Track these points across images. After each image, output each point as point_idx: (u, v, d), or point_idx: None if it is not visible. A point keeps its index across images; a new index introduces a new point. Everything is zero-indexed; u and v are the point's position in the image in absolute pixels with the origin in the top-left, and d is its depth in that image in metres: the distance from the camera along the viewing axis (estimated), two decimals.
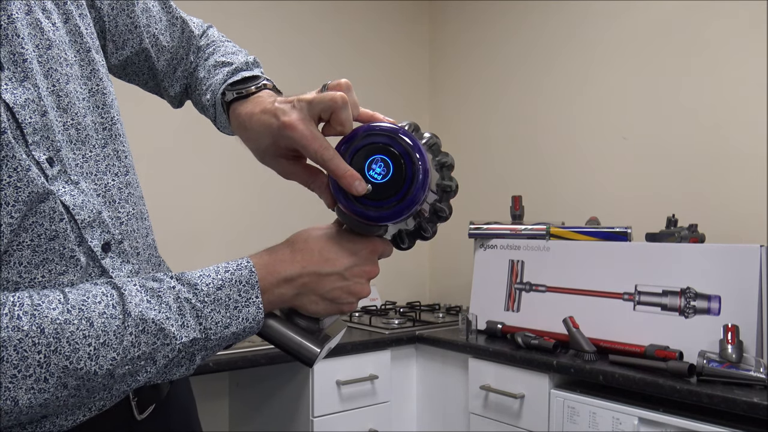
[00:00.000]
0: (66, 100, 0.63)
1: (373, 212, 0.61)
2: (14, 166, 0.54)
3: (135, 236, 0.69)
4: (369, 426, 1.99)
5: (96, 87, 0.68)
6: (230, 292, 0.60)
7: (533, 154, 2.49)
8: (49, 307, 0.53)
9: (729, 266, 1.59)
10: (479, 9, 2.72)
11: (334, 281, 0.64)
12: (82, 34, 0.68)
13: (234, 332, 0.60)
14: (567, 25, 2.38)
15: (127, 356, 0.55)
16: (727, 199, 1.91)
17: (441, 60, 2.93)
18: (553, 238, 1.99)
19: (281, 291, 0.63)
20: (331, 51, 2.67)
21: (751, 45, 1.87)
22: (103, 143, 0.67)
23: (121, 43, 0.79)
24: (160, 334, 0.56)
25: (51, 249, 0.58)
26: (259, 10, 2.45)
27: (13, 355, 0.50)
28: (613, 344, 1.71)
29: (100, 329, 0.54)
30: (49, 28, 0.63)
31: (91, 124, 0.66)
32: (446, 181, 0.67)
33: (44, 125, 0.59)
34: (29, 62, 0.59)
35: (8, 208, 0.54)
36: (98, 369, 0.54)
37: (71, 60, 0.65)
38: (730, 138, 1.92)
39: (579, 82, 2.34)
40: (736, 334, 1.50)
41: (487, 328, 2.02)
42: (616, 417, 1.52)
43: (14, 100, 0.57)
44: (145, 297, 0.57)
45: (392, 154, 0.60)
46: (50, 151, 0.60)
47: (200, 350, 0.60)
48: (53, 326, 0.52)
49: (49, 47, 0.62)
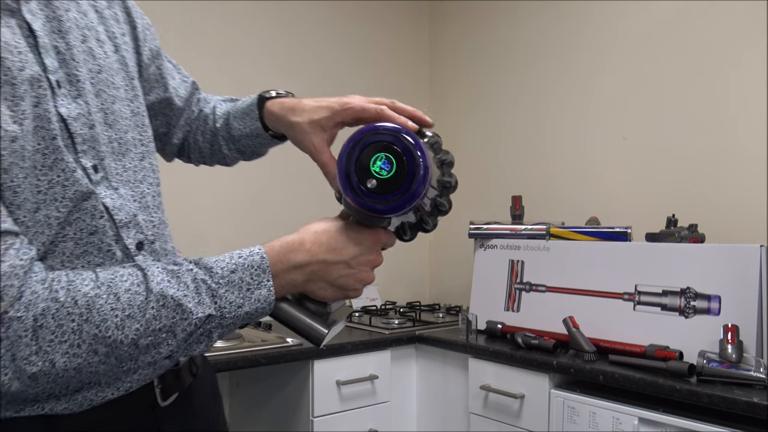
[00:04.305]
0: (112, 117, 0.73)
1: (378, 205, 0.66)
2: (62, 167, 0.64)
3: (164, 239, 0.78)
4: (369, 426, 1.99)
5: (137, 109, 0.78)
6: (243, 275, 0.66)
7: (533, 154, 2.49)
8: (82, 283, 0.60)
9: (729, 266, 1.59)
10: (479, 9, 2.72)
11: (341, 269, 0.70)
12: (128, 65, 0.79)
13: (247, 312, 0.66)
14: (567, 25, 2.38)
15: (149, 328, 0.62)
16: (727, 199, 1.91)
17: (441, 60, 2.92)
18: (553, 238, 1.99)
19: (291, 277, 0.69)
20: (331, 51, 2.67)
21: (751, 45, 1.87)
22: (141, 157, 0.77)
23: (149, 88, 0.90)
24: (178, 309, 0.63)
25: (91, 242, 0.68)
26: (257, 11, 2.45)
27: (51, 323, 0.58)
28: (613, 344, 1.71)
29: (125, 303, 0.61)
30: (101, 56, 0.74)
31: (131, 140, 0.76)
32: (446, 177, 0.72)
33: (92, 137, 0.69)
34: (83, 83, 0.70)
35: (56, 203, 0.64)
36: (124, 338, 0.61)
37: (118, 84, 0.75)
38: (730, 138, 1.92)
39: (579, 82, 2.33)
40: (736, 334, 1.50)
41: (487, 328, 2.02)
42: (616, 417, 1.52)
43: (68, 114, 0.67)
44: (165, 277, 0.64)
45: (395, 152, 0.65)
46: (95, 159, 0.69)
47: (216, 328, 0.66)
48: (85, 299, 0.60)
49: (100, 71, 0.73)
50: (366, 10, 2.79)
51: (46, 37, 0.67)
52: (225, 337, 0.68)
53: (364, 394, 1.98)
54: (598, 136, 2.28)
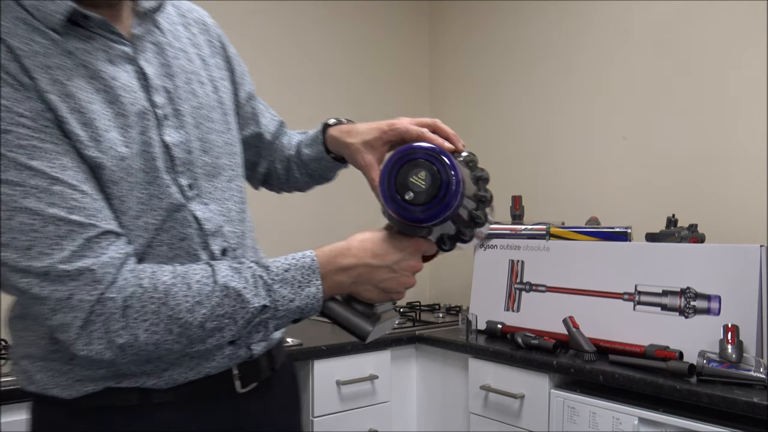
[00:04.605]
0: (207, 145, 0.87)
1: (414, 215, 0.74)
2: (159, 183, 0.79)
3: (246, 248, 0.91)
4: (369, 426, 1.99)
5: (229, 140, 0.92)
6: (295, 274, 0.77)
7: (533, 154, 2.49)
8: (162, 274, 0.74)
9: (729, 266, 1.59)
10: (479, 9, 2.72)
11: (385, 273, 0.79)
12: (224, 104, 0.93)
13: (298, 306, 0.77)
14: (566, 25, 2.38)
15: (214, 313, 0.74)
16: (727, 199, 1.91)
17: (441, 60, 2.92)
18: (553, 238, 1.99)
19: (339, 278, 0.78)
20: (328, 52, 2.67)
21: (751, 45, 1.87)
22: (229, 179, 0.90)
23: (244, 124, 1.05)
24: (238, 299, 0.74)
25: (181, 247, 0.81)
26: (256, 11, 2.44)
27: (136, 304, 0.71)
28: (613, 344, 1.71)
29: (195, 291, 0.73)
30: (202, 95, 0.88)
31: (223, 165, 0.89)
32: (482, 192, 0.81)
33: (189, 160, 0.83)
34: (185, 116, 0.84)
35: (153, 212, 0.78)
36: (193, 320, 0.73)
37: (214, 119, 0.90)
38: (730, 138, 1.92)
39: (579, 82, 2.33)
40: (736, 334, 1.50)
41: (487, 328, 2.02)
42: (616, 417, 1.52)
43: (171, 141, 0.82)
44: (229, 272, 0.76)
45: (430, 167, 0.73)
46: (191, 179, 0.83)
47: (271, 318, 0.77)
48: (164, 287, 0.73)
49: (200, 108, 0.87)
50: (364, 11, 2.78)
51: (157, 79, 0.83)
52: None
53: (364, 394, 1.98)
54: (598, 136, 2.28)
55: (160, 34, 0.86)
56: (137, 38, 0.82)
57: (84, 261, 0.70)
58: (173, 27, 0.90)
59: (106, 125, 0.75)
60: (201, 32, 0.95)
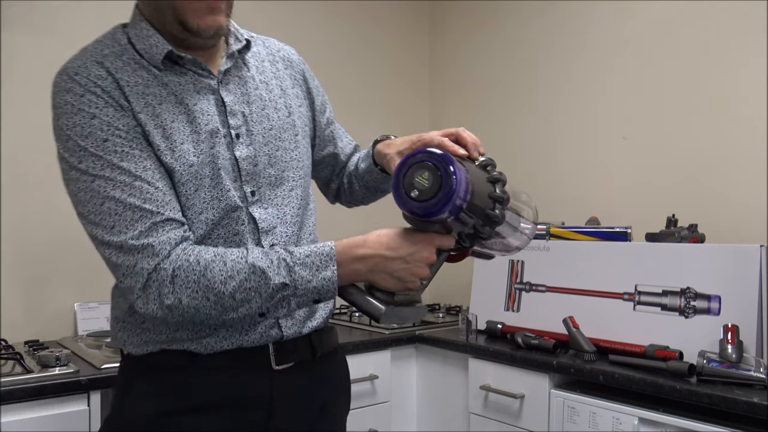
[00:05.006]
0: (274, 160, 1.04)
1: (419, 210, 0.83)
2: (221, 188, 0.98)
3: (293, 246, 1.01)
4: (369, 426, 1.99)
5: (297, 156, 1.09)
6: (314, 259, 0.90)
7: (533, 154, 2.49)
8: (206, 253, 0.91)
9: (729, 266, 1.60)
10: (479, 10, 2.72)
11: (399, 263, 0.89)
12: (297, 126, 1.10)
13: (315, 286, 0.90)
14: (567, 25, 2.38)
15: (242, 286, 0.89)
16: (727, 199, 1.91)
17: (441, 60, 2.92)
18: (553, 238, 1.99)
19: (355, 266, 0.90)
20: (326, 53, 2.66)
21: (751, 45, 1.87)
22: (291, 188, 1.07)
23: (323, 146, 1.23)
24: (263, 276, 0.89)
25: (234, 241, 0.99)
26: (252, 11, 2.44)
27: (182, 274, 0.89)
28: (613, 344, 1.71)
29: (230, 267, 0.89)
30: (274, 119, 1.06)
31: (287, 177, 1.06)
32: (497, 193, 0.88)
33: (254, 172, 1.02)
34: (255, 136, 1.03)
35: (213, 210, 0.97)
36: (225, 290, 0.89)
37: (285, 138, 1.07)
38: (730, 138, 1.92)
39: (579, 83, 2.33)
40: (736, 334, 1.51)
41: (487, 328, 2.02)
42: (616, 417, 1.52)
43: (240, 156, 1.00)
44: (259, 254, 0.91)
45: (433, 169, 0.82)
46: (254, 187, 1.02)
47: (292, 296, 0.90)
48: (205, 262, 0.90)
49: (271, 129, 1.05)
50: (363, 11, 2.77)
51: (235, 105, 1.02)
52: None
53: (364, 394, 1.98)
54: (598, 136, 2.28)
55: (245, 69, 1.06)
56: (225, 73, 1.03)
57: (148, 239, 0.90)
58: (259, 63, 1.10)
59: (182, 139, 0.96)
60: (285, 67, 1.15)
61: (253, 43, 1.10)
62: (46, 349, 1.66)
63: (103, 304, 2.05)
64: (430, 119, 2.95)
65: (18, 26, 1.95)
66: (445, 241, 0.91)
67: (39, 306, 1.98)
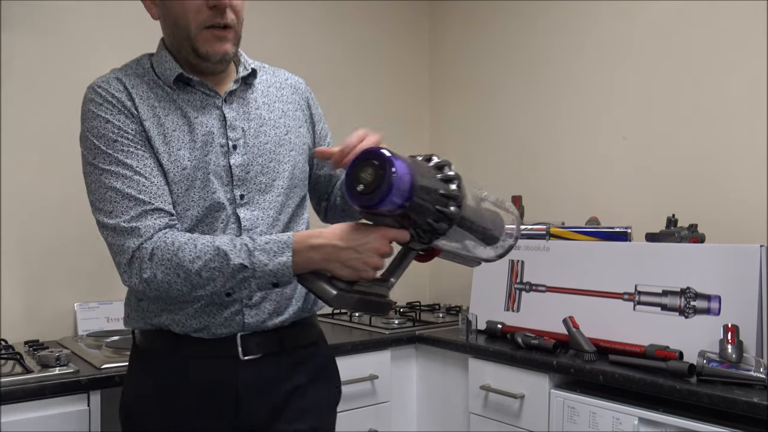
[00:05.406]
0: (266, 170, 1.19)
1: (365, 202, 0.90)
2: (208, 189, 1.13)
3: None
4: (369, 426, 1.99)
5: (290, 169, 1.22)
6: (273, 246, 1.02)
7: (533, 154, 2.49)
8: (182, 236, 1.06)
9: (729, 266, 1.59)
10: (479, 10, 2.72)
11: (350, 253, 0.98)
12: (292, 142, 1.24)
13: (271, 270, 1.01)
14: (567, 25, 2.38)
15: (207, 265, 1.02)
16: (727, 199, 1.91)
17: (441, 60, 2.92)
18: (553, 238, 1.99)
19: (309, 255, 1.00)
20: (324, 54, 2.66)
21: (751, 45, 1.87)
22: (278, 195, 1.20)
23: (320, 166, 1.35)
24: (225, 257, 1.02)
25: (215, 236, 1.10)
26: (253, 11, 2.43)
27: (158, 253, 1.04)
28: (613, 344, 1.71)
29: (198, 250, 1.03)
30: (271, 135, 1.21)
31: (277, 186, 1.20)
32: (451, 191, 0.93)
33: (245, 179, 1.16)
34: (251, 147, 1.18)
35: (198, 208, 1.13)
36: (192, 268, 1.02)
37: (278, 152, 1.21)
38: (730, 138, 1.92)
39: (579, 81, 2.33)
40: (736, 334, 1.51)
41: (487, 328, 2.02)
42: (616, 417, 1.52)
43: (234, 163, 1.16)
44: (226, 240, 1.04)
45: (374, 165, 0.90)
46: (244, 191, 1.16)
47: (251, 277, 1.02)
48: (178, 243, 1.04)
49: (266, 143, 1.20)
50: (362, 11, 2.76)
51: (236, 121, 1.18)
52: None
53: (364, 394, 1.98)
54: (598, 136, 2.28)
55: (250, 92, 1.23)
56: (230, 94, 1.20)
57: (137, 223, 1.05)
58: (266, 88, 1.26)
59: (179, 146, 1.12)
60: (291, 93, 1.30)
61: (263, 72, 1.28)
62: (46, 349, 1.66)
63: (103, 304, 2.05)
64: (430, 119, 2.95)
65: (18, 26, 1.95)
66: (399, 235, 0.98)
67: (39, 306, 1.98)
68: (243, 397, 1.14)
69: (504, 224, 1.04)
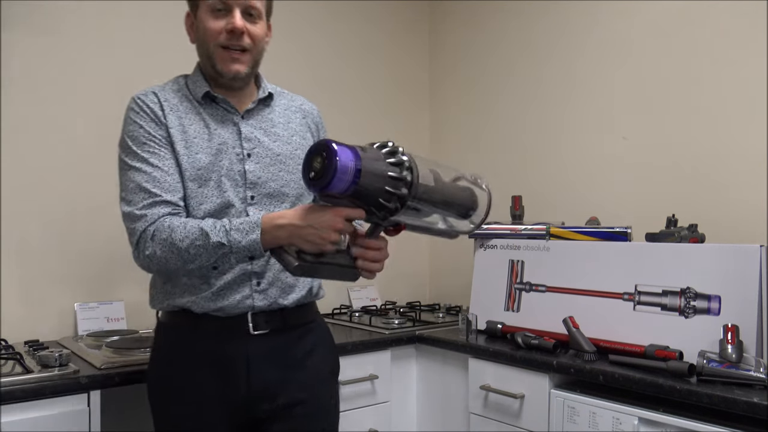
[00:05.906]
0: (276, 177, 1.37)
1: (317, 186, 1.03)
2: (221, 188, 1.32)
3: None
4: (369, 426, 1.99)
5: (295, 178, 1.39)
6: (245, 226, 1.20)
7: (533, 154, 2.49)
8: (177, 221, 1.24)
9: (729, 266, 1.59)
10: (480, 10, 2.72)
11: (309, 230, 1.13)
12: (300, 157, 1.36)
13: (245, 246, 1.19)
14: (567, 25, 2.38)
15: (193, 243, 1.21)
16: (727, 199, 1.91)
17: (441, 61, 2.92)
18: (553, 238, 1.99)
19: (276, 233, 1.17)
20: (323, 54, 2.66)
21: (751, 45, 1.87)
22: (282, 201, 1.37)
23: None
24: (206, 236, 1.21)
25: None
26: None
27: (157, 235, 1.23)
28: (613, 344, 1.71)
29: (188, 231, 1.22)
30: (282, 149, 1.40)
31: (285, 192, 1.38)
32: (398, 174, 1.05)
33: (257, 183, 1.35)
34: (264, 158, 1.37)
35: (210, 204, 1.31)
36: (182, 245, 1.21)
37: (287, 163, 1.39)
38: (730, 138, 1.92)
39: (579, 82, 2.34)
40: (736, 334, 1.51)
41: (487, 328, 2.02)
42: (616, 417, 1.52)
43: (248, 169, 1.35)
44: (210, 223, 1.23)
45: (322, 155, 1.02)
46: (255, 193, 1.34)
47: (229, 252, 1.21)
48: (173, 226, 1.23)
49: (278, 155, 1.39)
50: (362, 12, 2.76)
51: (252, 134, 1.37)
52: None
53: (364, 394, 1.98)
54: (598, 136, 2.28)
55: (266, 111, 1.43)
56: (248, 111, 1.39)
57: (146, 210, 1.25)
58: (282, 110, 1.45)
59: (197, 150, 1.32)
60: (303, 117, 1.49)
61: (282, 97, 1.48)
62: (46, 349, 1.66)
63: (103, 304, 2.05)
64: (430, 120, 2.95)
65: (18, 26, 1.95)
66: (353, 213, 1.11)
67: (39, 306, 1.98)
68: (252, 364, 1.30)
69: (476, 199, 1.21)
